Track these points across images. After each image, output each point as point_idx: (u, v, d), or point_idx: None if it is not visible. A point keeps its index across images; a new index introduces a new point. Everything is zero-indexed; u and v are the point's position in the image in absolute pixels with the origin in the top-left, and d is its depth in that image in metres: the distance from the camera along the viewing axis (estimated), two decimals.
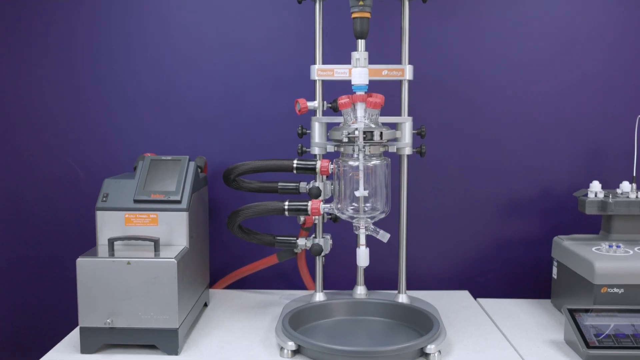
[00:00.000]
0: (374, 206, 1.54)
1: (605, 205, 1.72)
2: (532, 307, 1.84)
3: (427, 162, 1.91)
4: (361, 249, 1.56)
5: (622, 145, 1.95)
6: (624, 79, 1.96)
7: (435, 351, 1.43)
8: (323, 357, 1.41)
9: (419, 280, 2.01)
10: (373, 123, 1.51)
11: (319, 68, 1.66)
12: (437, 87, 1.94)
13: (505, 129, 1.97)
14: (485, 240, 2.01)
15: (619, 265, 1.56)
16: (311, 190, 1.64)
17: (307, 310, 1.63)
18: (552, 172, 1.99)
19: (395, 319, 1.65)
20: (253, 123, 1.95)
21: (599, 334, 1.46)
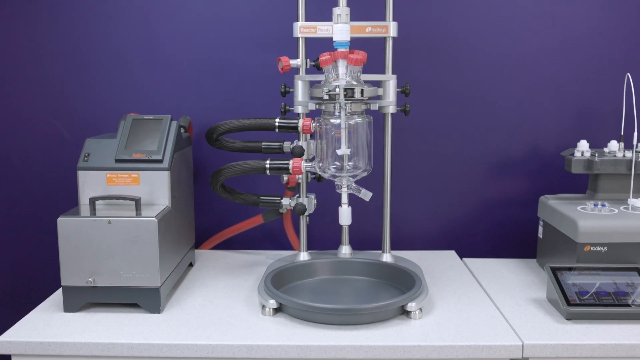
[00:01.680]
0: (356, 165, 1.53)
1: (591, 164, 1.71)
2: (517, 266, 1.84)
3: (413, 121, 1.89)
4: (343, 207, 1.56)
5: (611, 105, 1.93)
6: (613, 37, 1.93)
7: (416, 309, 1.43)
8: (304, 315, 1.42)
9: (406, 240, 2.01)
10: (355, 80, 1.49)
11: (302, 25, 1.64)
12: (423, 44, 1.91)
13: (493, 88, 1.95)
14: (472, 200, 2.01)
15: (602, 224, 1.55)
16: (294, 149, 1.63)
17: (290, 269, 1.63)
18: (541, 132, 1.98)
19: (379, 278, 1.65)
20: (238, 82, 1.93)
21: (581, 291, 1.46)
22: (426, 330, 1.38)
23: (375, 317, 1.41)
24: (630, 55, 1.94)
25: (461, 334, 1.36)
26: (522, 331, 1.38)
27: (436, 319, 1.44)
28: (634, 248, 1.55)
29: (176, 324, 1.42)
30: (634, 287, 1.48)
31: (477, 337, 1.35)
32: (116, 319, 1.43)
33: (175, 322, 1.43)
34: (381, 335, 1.35)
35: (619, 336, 1.36)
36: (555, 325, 1.42)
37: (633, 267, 1.53)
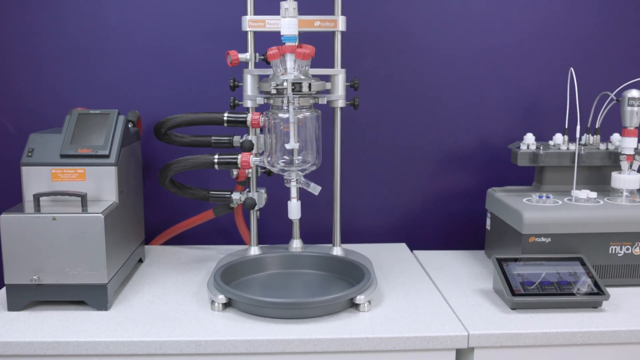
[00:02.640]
0: (305, 159, 1.53)
1: (536, 157, 1.75)
2: (466, 258, 1.87)
3: (363, 115, 1.91)
4: (293, 201, 1.56)
5: (557, 99, 1.97)
6: (558, 32, 1.97)
7: (364, 301, 1.44)
8: (253, 310, 1.42)
9: (358, 233, 2.02)
10: (303, 74, 1.49)
11: (250, 19, 1.63)
12: (373, 39, 1.92)
13: (442, 82, 1.97)
14: (423, 193, 2.03)
15: (546, 215, 1.59)
16: (244, 144, 1.63)
17: (240, 264, 1.62)
18: (490, 125, 2.01)
19: (329, 272, 1.66)
20: (189, 76, 1.92)
21: (526, 281, 1.49)
22: (374, 322, 1.39)
23: (324, 311, 1.41)
24: (574, 49, 1.99)
25: (409, 326, 1.38)
26: (468, 321, 1.40)
27: (385, 311, 1.46)
28: (576, 238, 1.59)
29: (124, 321, 1.41)
30: (576, 276, 1.51)
31: (424, 328, 1.36)
32: (62, 317, 1.41)
33: (122, 319, 1.41)
34: (330, 329, 1.35)
35: (561, 324, 1.39)
36: (500, 315, 1.44)
37: (575, 257, 1.57)
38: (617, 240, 1.60)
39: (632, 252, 1.61)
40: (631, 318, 1.43)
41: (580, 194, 1.69)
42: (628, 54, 2.01)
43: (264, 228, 1.98)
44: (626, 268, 1.61)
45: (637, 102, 1.67)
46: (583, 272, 1.53)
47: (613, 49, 2.00)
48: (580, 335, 1.37)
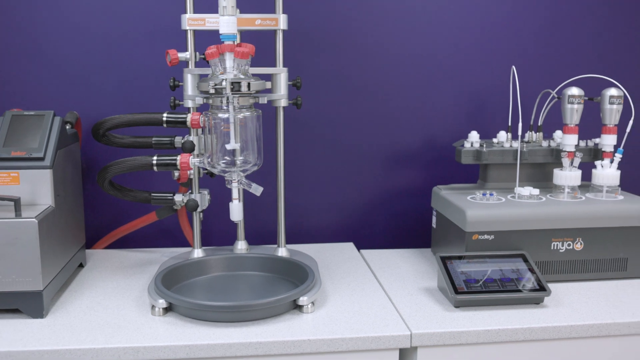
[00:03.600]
0: (246, 159, 1.51)
1: (479, 155, 1.75)
2: (412, 256, 1.87)
3: (307, 114, 1.89)
4: (234, 203, 1.54)
5: (501, 96, 1.99)
6: (500, 30, 1.99)
7: (308, 302, 1.43)
8: (194, 314, 1.39)
9: (305, 233, 2.01)
10: (242, 74, 1.47)
11: (190, 17, 1.60)
12: (316, 37, 1.91)
13: (388, 80, 1.97)
14: (370, 192, 2.02)
15: (489, 213, 1.60)
16: (185, 144, 1.60)
17: (182, 267, 1.59)
18: (436, 124, 2.01)
19: (274, 273, 1.64)
20: (130, 76, 1.87)
21: (469, 279, 1.50)
22: (317, 323, 1.38)
23: (266, 313, 1.39)
24: (517, 48, 2.00)
25: (352, 326, 1.36)
26: (411, 321, 1.40)
27: (328, 312, 1.44)
28: (519, 235, 1.60)
29: (60, 328, 1.36)
30: (519, 273, 1.52)
31: (367, 329, 1.35)
32: None
33: (59, 327, 1.37)
34: (272, 331, 1.34)
35: (503, 321, 1.40)
36: (443, 313, 1.44)
37: (518, 253, 1.58)
38: (559, 236, 1.62)
39: (573, 247, 1.63)
40: (572, 313, 1.45)
41: (523, 191, 1.70)
42: (569, 52, 2.03)
43: (210, 229, 1.95)
44: (568, 264, 1.63)
45: (577, 100, 1.69)
46: (525, 269, 1.54)
47: (555, 48, 2.02)
48: (521, 332, 1.38)
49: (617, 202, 1.69)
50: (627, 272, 1.67)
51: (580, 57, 2.04)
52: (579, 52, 2.04)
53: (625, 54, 2.07)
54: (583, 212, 1.63)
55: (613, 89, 1.71)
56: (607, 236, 1.64)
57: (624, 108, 1.73)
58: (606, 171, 1.72)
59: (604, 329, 1.41)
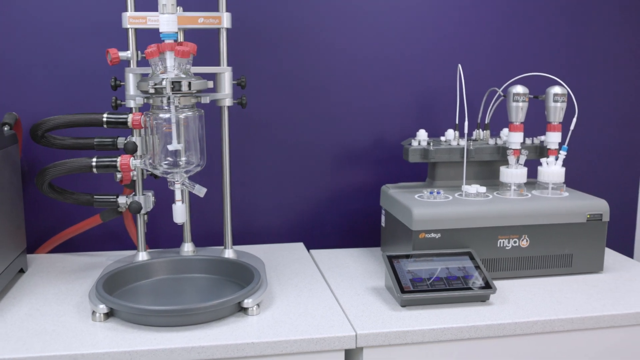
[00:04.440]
0: (189, 160, 1.48)
1: (427, 153, 1.75)
2: (362, 256, 1.86)
3: (255, 113, 1.87)
4: (177, 205, 1.51)
5: (449, 95, 1.99)
6: (447, 28, 2.00)
7: (253, 305, 1.41)
8: (135, 319, 1.36)
9: (255, 234, 1.98)
10: (184, 73, 1.44)
11: (130, 15, 1.56)
12: (263, 36, 1.89)
13: (337, 80, 1.96)
14: (319, 191, 2.01)
15: (435, 211, 1.59)
16: (127, 145, 1.56)
17: (125, 271, 1.56)
18: (386, 122, 2.01)
19: (220, 275, 1.61)
20: (72, 76, 1.83)
21: (415, 278, 1.49)
22: (262, 326, 1.36)
23: (210, 316, 1.37)
24: (463, 46, 2.01)
25: (297, 328, 1.35)
26: (357, 321, 1.39)
27: (274, 314, 1.43)
28: (466, 233, 1.60)
29: None
30: (465, 271, 1.52)
31: (312, 330, 1.34)
32: None
33: None
34: (215, 335, 1.31)
35: (448, 320, 1.40)
36: (390, 313, 1.44)
37: (465, 251, 1.58)
38: (505, 233, 1.63)
39: (519, 244, 1.64)
40: (516, 310, 1.45)
41: (470, 189, 1.71)
42: (516, 51, 2.05)
43: (157, 231, 1.92)
44: (514, 261, 1.64)
45: (521, 98, 1.70)
46: (472, 267, 1.54)
47: (502, 46, 2.04)
48: (467, 330, 1.38)
49: (562, 198, 1.71)
50: (572, 268, 1.69)
51: (527, 55, 2.06)
52: (525, 50, 2.06)
53: (569, 53, 2.09)
54: (529, 209, 1.64)
55: (557, 87, 1.73)
56: (553, 233, 1.65)
57: (568, 106, 1.75)
58: (551, 168, 1.74)
59: (547, 325, 1.42)
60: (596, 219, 1.67)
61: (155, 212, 1.79)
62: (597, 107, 2.15)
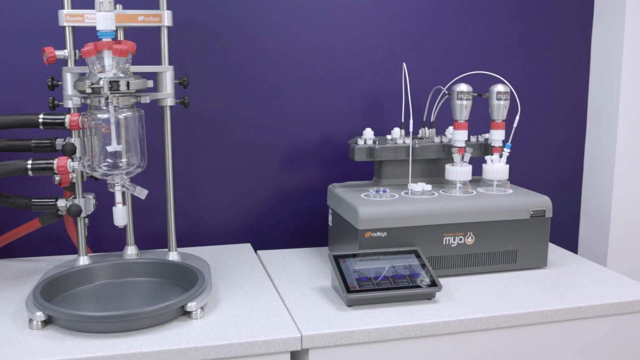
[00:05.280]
0: (130, 161, 1.44)
1: (372, 152, 1.75)
2: (309, 255, 1.85)
3: (199, 113, 1.85)
4: (118, 207, 1.47)
5: (395, 93, 2.00)
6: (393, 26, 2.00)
7: (196, 308, 1.38)
8: (75, 326, 1.32)
9: (201, 235, 1.95)
10: (122, 72, 1.40)
11: (67, 13, 1.52)
12: (207, 34, 1.85)
13: (283, 78, 1.94)
14: (267, 191, 1.99)
15: (381, 210, 1.59)
16: (65, 147, 1.51)
17: (65, 276, 1.51)
18: (333, 121, 2.00)
19: (164, 278, 1.58)
20: (10, 76, 1.77)
21: (361, 277, 1.49)
22: (206, 330, 1.34)
23: (152, 321, 1.34)
24: (408, 44, 2.02)
25: (241, 331, 1.33)
26: (302, 322, 1.37)
27: (219, 317, 1.40)
28: (412, 231, 1.60)
29: None
30: (411, 269, 1.53)
31: (256, 333, 1.32)
32: None
33: None
34: (157, 340, 1.28)
35: (394, 319, 1.39)
36: (336, 313, 1.43)
37: (411, 250, 1.58)
38: (451, 231, 1.64)
39: (464, 242, 1.65)
40: (462, 307, 1.46)
41: (416, 187, 1.71)
42: (461, 50, 2.06)
43: (101, 234, 1.87)
44: (459, 258, 1.65)
45: (465, 96, 1.72)
46: (418, 265, 1.54)
47: (447, 45, 2.05)
48: (413, 329, 1.38)
49: (506, 195, 1.72)
50: (516, 264, 1.70)
51: (471, 54, 2.08)
52: (470, 49, 2.07)
53: (513, 52, 2.12)
54: (474, 207, 1.65)
55: (500, 85, 1.74)
56: (497, 229, 1.67)
57: (511, 104, 1.77)
58: (495, 166, 1.76)
59: (492, 322, 1.43)
60: (539, 215, 1.70)
61: (97, 215, 1.75)
62: (539, 105, 2.18)
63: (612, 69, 2.11)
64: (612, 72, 2.11)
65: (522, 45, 2.12)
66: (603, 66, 2.15)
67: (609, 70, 2.13)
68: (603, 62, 2.15)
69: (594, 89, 2.20)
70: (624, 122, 2.11)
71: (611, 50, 2.11)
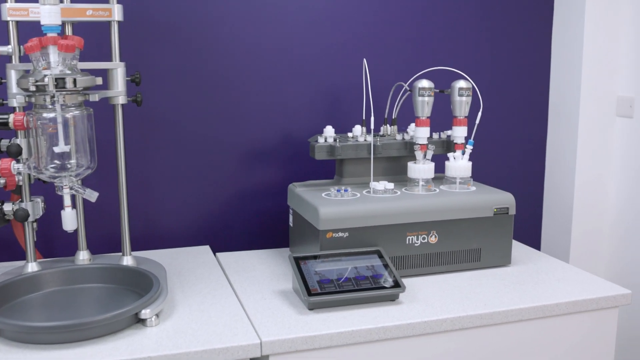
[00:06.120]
0: (79, 162, 1.38)
1: (333, 150, 1.71)
2: (270, 257, 1.80)
3: (153, 111, 1.78)
4: (67, 211, 1.41)
5: (357, 90, 1.96)
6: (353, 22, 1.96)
7: (151, 315, 1.32)
8: (21, 337, 1.25)
9: (159, 238, 1.89)
10: (69, 69, 1.34)
11: (10, 7, 1.44)
12: (162, 30, 1.79)
13: (241, 74, 1.89)
14: (226, 191, 1.93)
15: (342, 210, 1.55)
16: (10, 148, 1.43)
17: (12, 284, 1.43)
18: (293, 119, 1.95)
19: (118, 284, 1.51)
20: None
21: (323, 280, 1.44)
22: (161, 338, 1.28)
23: (104, 330, 1.27)
24: (369, 40, 1.98)
25: (198, 339, 1.27)
26: (262, 328, 1.33)
27: (174, 324, 1.35)
28: (374, 231, 1.57)
29: None
30: (374, 270, 1.49)
31: (214, 340, 1.27)
32: None
33: None
34: (109, 350, 1.22)
35: (357, 322, 1.36)
36: (297, 317, 1.38)
37: (373, 250, 1.55)
38: (414, 230, 1.60)
39: (428, 241, 1.62)
40: (426, 308, 1.43)
41: (378, 186, 1.67)
42: (423, 45, 2.03)
43: (52, 239, 1.79)
44: (423, 257, 1.62)
45: (427, 92, 1.68)
46: (381, 265, 1.51)
47: (409, 40, 2.02)
48: (376, 332, 1.35)
49: (469, 193, 1.70)
50: (480, 263, 1.68)
51: (433, 50, 2.05)
52: (432, 45, 2.05)
53: (475, 48, 2.10)
54: (437, 205, 1.63)
55: (462, 81, 1.72)
56: (461, 228, 1.64)
57: (474, 100, 1.74)
58: (458, 163, 1.73)
59: (457, 323, 1.40)
60: (503, 213, 1.67)
61: (48, 219, 1.67)
62: (502, 102, 2.17)
63: (573, 66, 2.10)
64: (572, 68, 2.11)
65: (484, 42, 2.10)
66: (563, 63, 2.15)
67: (569, 67, 2.12)
68: (563, 58, 2.15)
69: (555, 85, 2.19)
70: (585, 118, 2.10)
71: (571, 47, 2.11)
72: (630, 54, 2.07)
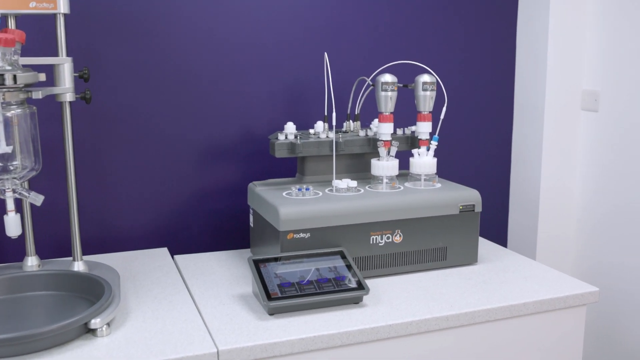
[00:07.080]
0: (22, 164, 1.30)
1: (294, 147, 1.65)
2: (230, 259, 1.74)
3: (104, 108, 1.71)
4: (10, 215, 1.32)
5: (319, 85, 1.90)
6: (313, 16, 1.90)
7: (101, 325, 1.25)
8: None
9: (115, 241, 1.81)
10: (9, 65, 1.25)
11: None
12: (110, 21, 1.71)
13: (198, 69, 1.82)
14: (185, 191, 1.86)
15: (303, 209, 1.49)
16: None
17: None
18: (254, 116, 1.89)
19: (68, 291, 1.43)
20: None
21: (284, 283, 1.39)
22: (112, 349, 1.21)
23: (51, 342, 1.20)
24: (331, 34, 1.93)
25: (151, 349, 1.21)
26: (219, 335, 1.26)
27: (127, 333, 1.28)
28: (337, 231, 1.51)
29: None
30: (337, 271, 1.44)
31: (168, 350, 1.20)
32: None
33: None
34: None
35: (319, 327, 1.30)
36: (256, 323, 1.32)
37: (336, 251, 1.49)
38: (378, 229, 1.56)
39: (392, 240, 1.57)
40: (391, 311, 1.38)
41: (341, 184, 1.62)
42: (386, 39, 1.98)
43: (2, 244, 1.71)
44: (387, 257, 1.57)
45: (390, 87, 1.63)
46: (344, 266, 1.45)
47: (372, 34, 1.97)
48: (339, 337, 1.29)
49: (434, 190, 1.65)
50: (446, 262, 1.64)
51: (397, 44, 2.00)
52: (395, 39, 2.00)
53: (438, 42, 2.05)
54: (401, 203, 1.58)
55: (426, 76, 1.67)
56: (426, 226, 1.60)
57: (438, 95, 1.70)
58: (423, 159, 1.68)
59: (422, 325, 1.36)
60: (469, 210, 1.64)
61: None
62: (466, 97, 2.13)
63: (538, 60, 2.08)
64: (537, 62, 2.08)
65: (448, 36, 2.06)
66: (529, 57, 2.12)
67: (534, 61, 2.09)
68: (529, 52, 2.12)
69: (520, 79, 2.16)
70: (550, 114, 2.08)
71: (536, 41, 2.08)
72: (595, 47, 2.05)
